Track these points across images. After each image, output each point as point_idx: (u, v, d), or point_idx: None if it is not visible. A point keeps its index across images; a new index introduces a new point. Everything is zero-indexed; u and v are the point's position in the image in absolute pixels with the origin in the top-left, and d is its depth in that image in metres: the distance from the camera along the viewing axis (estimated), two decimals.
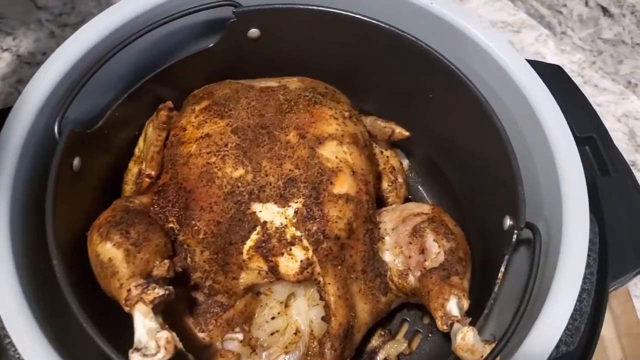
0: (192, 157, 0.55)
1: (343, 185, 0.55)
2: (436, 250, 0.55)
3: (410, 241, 0.57)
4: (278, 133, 0.56)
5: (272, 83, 0.62)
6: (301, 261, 0.52)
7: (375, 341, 0.65)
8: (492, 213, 0.57)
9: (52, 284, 0.46)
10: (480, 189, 0.63)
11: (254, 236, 0.52)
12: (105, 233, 0.50)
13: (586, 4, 0.88)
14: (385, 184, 0.67)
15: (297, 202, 0.53)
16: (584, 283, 0.51)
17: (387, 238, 0.58)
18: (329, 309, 0.53)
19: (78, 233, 0.52)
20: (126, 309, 0.46)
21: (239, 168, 0.54)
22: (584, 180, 0.53)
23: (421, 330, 0.67)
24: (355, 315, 0.55)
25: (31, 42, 0.88)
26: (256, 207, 0.53)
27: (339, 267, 0.54)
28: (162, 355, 0.43)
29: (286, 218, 0.53)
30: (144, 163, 0.61)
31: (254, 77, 0.64)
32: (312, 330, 0.56)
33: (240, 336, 0.55)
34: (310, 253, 0.52)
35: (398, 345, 0.64)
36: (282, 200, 0.53)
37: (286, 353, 0.55)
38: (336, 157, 0.56)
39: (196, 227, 0.54)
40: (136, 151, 0.64)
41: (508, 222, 0.53)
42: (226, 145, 0.55)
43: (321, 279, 0.53)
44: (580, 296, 0.49)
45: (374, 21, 0.59)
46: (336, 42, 0.63)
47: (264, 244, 0.52)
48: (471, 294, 0.54)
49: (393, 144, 0.70)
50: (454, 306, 0.51)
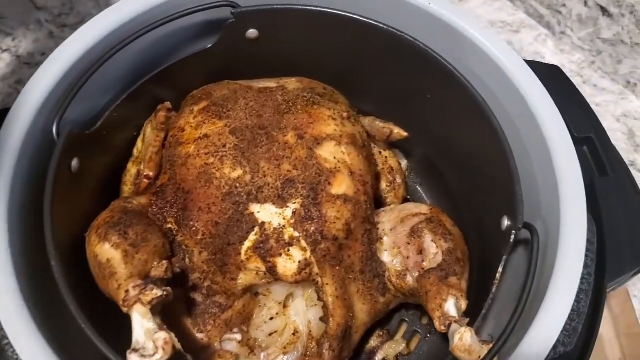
0: (191, 158, 0.55)
1: (341, 185, 0.55)
2: (434, 250, 0.56)
3: (408, 242, 0.57)
4: (276, 134, 0.56)
5: (271, 84, 0.62)
6: (299, 262, 0.52)
7: (373, 341, 0.65)
8: (490, 213, 0.57)
9: (51, 285, 0.46)
10: (478, 190, 0.63)
11: (252, 237, 0.53)
12: (103, 234, 0.50)
13: (585, 4, 0.88)
14: (383, 185, 0.67)
15: (295, 203, 0.53)
16: (582, 283, 0.51)
17: (386, 238, 0.58)
18: (327, 310, 0.53)
19: (76, 234, 0.53)
20: (124, 310, 0.46)
21: (237, 169, 0.54)
22: (582, 180, 0.53)
23: (420, 330, 0.67)
24: (353, 315, 0.55)
25: (30, 43, 0.88)
26: (254, 208, 0.53)
27: (337, 268, 0.54)
28: (160, 356, 0.43)
29: (284, 219, 0.53)
30: (143, 164, 0.61)
31: (253, 78, 0.64)
32: (311, 330, 0.56)
33: (238, 337, 0.55)
34: (308, 254, 0.52)
35: (396, 345, 0.64)
36: (280, 201, 0.53)
37: (284, 353, 0.55)
38: (334, 158, 0.56)
39: (194, 228, 0.54)
40: (135, 152, 0.64)
41: (506, 223, 0.53)
42: (224, 146, 0.55)
43: (319, 280, 0.53)
44: (578, 296, 0.49)
45: (372, 22, 0.60)
46: (334, 43, 0.63)
47: (262, 245, 0.52)
48: (469, 295, 0.54)
49: (392, 145, 0.70)
50: (452, 307, 0.51)
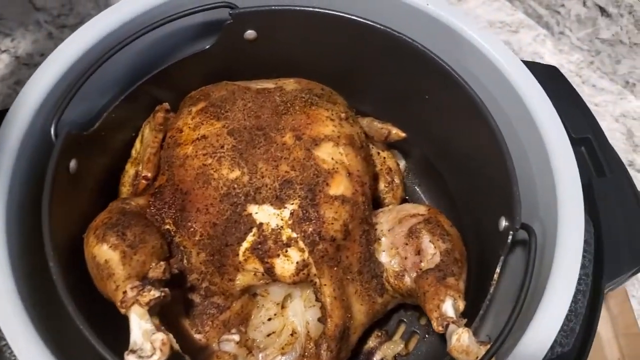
0: (189, 159, 0.55)
1: (339, 186, 0.55)
2: (432, 251, 0.56)
3: (406, 242, 0.57)
4: (274, 134, 0.56)
5: (269, 84, 0.62)
6: (297, 263, 0.52)
7: (372, 342, 0.65)
8: (488, 214, 0.57)
9: (49, 286, 0.46)
10: (476, 190, 0.63)
11: (250, 238, 0.53)
12: (101, 235, 0.50)
13: (584, 4, 0.88)
14: (382, 185, 0.67)
15: (293, 204, 0.53)
16: (579, 284, 0.51)
17: (384, 239, 0.58)
18: (325, 310, 0.53)
19: (74, 235, 0.53)
20: (122, 311, 0.46)
21: (235, 170, 0.54)
22: (579, 181, 0.53)
23: (418, 331, 0.67)
24: (351, 316, 0.55)
25: (29, 44, 0.88)
26: (252, 209, 0.53)
27: (335, 269, 0.54)
28: (158, 357, 0.43)
29: (282, 219, 0.53)
30: (141, 165, 0.61)
31: (251, 79, 0.64)
32: (309, 331, 0.56)
33: (236, 337, 0.55)
34: (306, 254, 0.52)
35: (395, 346, 0.64)
36: (278, 201, 0.53)
37: (282, 354, 0.56)
38: (332, 159, 0.56)
39: (192, 229, 0.54)
40: (133, 153, 0.64)
41: (504, 223, 0.54)
42: (222, 146, 0.55)
43: (317, 281, 0.53)
44: (575, 297, 0.49)
45: (370, 22, 0.60)
46: (332, 43, 0.63)
47: (260, 246, 0.52)
48: (467, 295, 0.54)
49: (390, 145, 0.70)
50: (450, 307, 0.51)
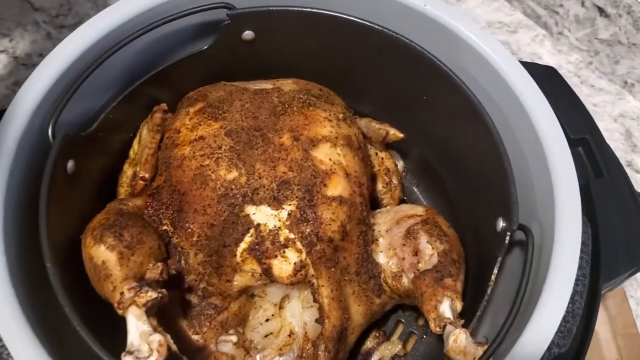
0: (186, 160, 0.55)
1: (337, 187, 0.55)
2: (429, 252, 0.56)
3: (404, 243, 0.57)
4: (272, 135, 0.56)
5: (267, 85, 0.62)
6: (294, 263, 0.52)
7: (370, 343, 0.65)
8: (486, 215, 0.57)
9: (46, 287, 0.46)
10: (473, 191, 0.63)
11: (248, 239, 0.53)
12: (99, 236, 0.50)
13: (582, 4, 0.88)
14: (380, 186, 0.67)
15: (291, 205, 0.53)
16: (577, 285, 0.51)
17: (381, 240, 0.58)
18: (323, 311, 0.53)
19: (72, 236, 0.52)
20: (119, 312, 0.46)
21: (233, 170, 0.54)
22: (577, 182, 0.53)
23: (416, 331, 0.67)
24: (349, 317, 0.55)
25: (28, 44, 0.88)
26: (250, 210, 0.53)
27: (333, 269, 0.54)
28: (155, 358, 0.43)
29: (280, 220, 0.53)
30: (139, 165, 0.61)
31: (248, 79, 0.64)
32: (306, 332, 0.56)
33: (234, 338, 0.55)
34: (303, 255, 0.52)
35: (393, 346, 0.64)
36: (276, 202, 0.53)
37: (280, 355, 0.56)
38: (330, 159, 0.56)
39: (190, 230, 0.54)
40: (131, 153, 0.64)
41: (501, 224, 0.53)
42: (220, 147, 0.55)
43: (315, 281, 0.53)
44: (572, 298, 0.49)
45: (368, 23, 0.60)
46: (330, 44, 0.63)
47: (258, 247, 0.52)
48: (464, 296, 0.54)
49: (388, 146, 0.70)
50: (447, 308, 0.51)
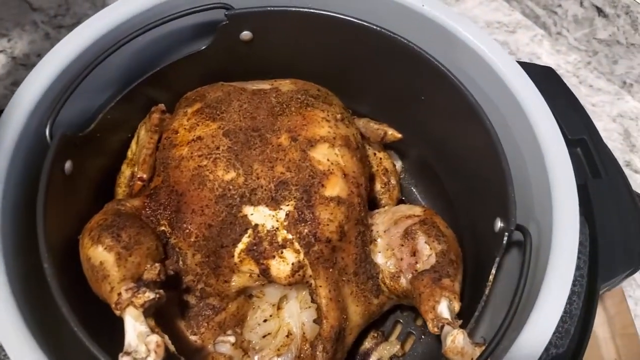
0: (184, 160, 0.55)
1: (334, 187, 0.55)
2: (427, 252, 0.56)
3: (402, 243, 0.57)
4: (270, 136, 0.56)
5: (265, 85, 0.62)
6: (292, 264, 0.52)
7: (368, 343, 0.65)
8: (484, 215, 0.57)
9: (43, 288, 0.46)
10: (471, 191, 0.63)
11: (245, 239, 0.53)
12: (96, 236, 0.50)
13: (581, 5, 0.88)
14: (378, 186, 0.67)
15: (289, 205, 0.53)
16: (574, 285, 0.51)
17: (379, 240, 0.58)
18: (321, 312, 0.53)
19: (70, 236, 0.52)
20: (117, 313, 0.46)
21: (231, 171, 0.54)
22: (574, 182, 0.53)
23: (414, 332, 0.67)
24: (347, 317, 0.55)
25: (26, 44, 0.88)
26: (247, 210, 0.53)
27: (331, 270, 0.54)
28: (152, 358, 0.43)
29: (277, 221, 0.53)
30: (136, 166, 0.61)
31: (246, 80, 0.64)
32: (304, 332, 0.56)
33: (232, 339, 0.55)
34: (301, 256, 0.52)
35: (391, 347, 0.64)
36: (274, 203, 0.53)
37: (278, 356, 0.55)
38: (328, 160, 0.56)
39: (188, 230, 0.54)
40: (129, 154, 0.64)
41: (499, 224, 0.53)
42: (218, 148, 0.55)
43: (313, 282, 0.53)
44: (570, 298, 0.49)
45: (366, 23, 0.60)
46: (328, 44, 0.63)
47: (255, 247, 0.52)
48: (462, 296, 0.54)
49: (386, 146, 0.70)
50: (445, 308, 0.51)
